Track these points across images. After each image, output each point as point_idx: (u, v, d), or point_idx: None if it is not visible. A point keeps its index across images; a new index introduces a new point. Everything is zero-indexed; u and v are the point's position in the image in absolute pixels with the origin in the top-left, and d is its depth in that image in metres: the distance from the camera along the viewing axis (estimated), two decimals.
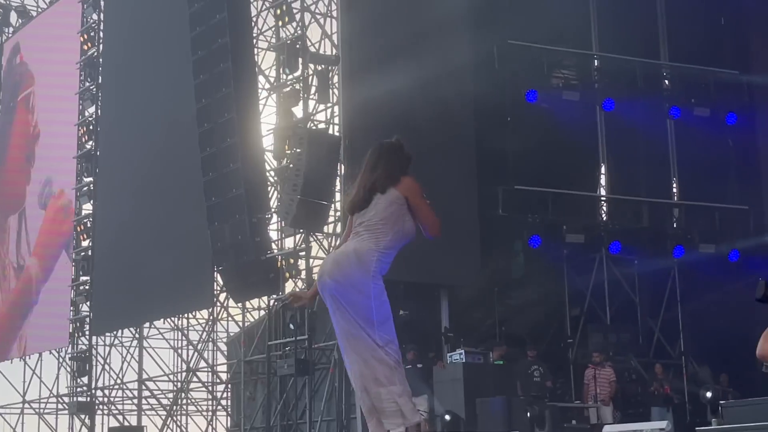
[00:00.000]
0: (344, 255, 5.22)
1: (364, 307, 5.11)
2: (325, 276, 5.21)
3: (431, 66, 16.09)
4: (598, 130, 20.16)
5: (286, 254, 16.77)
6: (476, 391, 14.71)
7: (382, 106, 16.07)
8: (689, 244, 19.69)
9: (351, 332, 5.14)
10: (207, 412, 20.83)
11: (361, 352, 5.11)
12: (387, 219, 5.24)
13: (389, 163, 5.39)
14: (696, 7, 20.48)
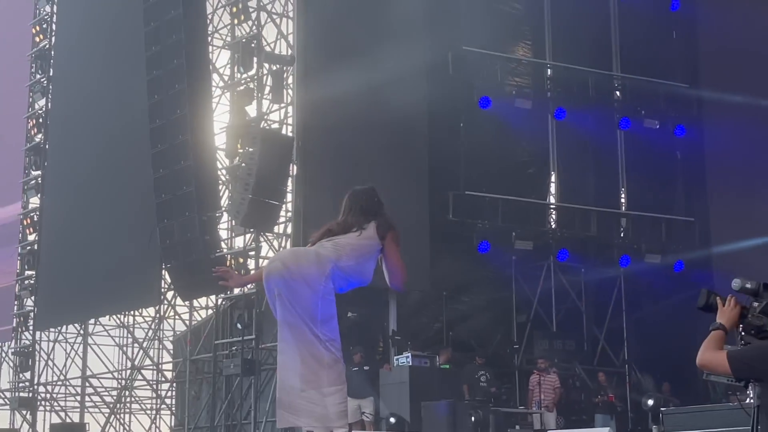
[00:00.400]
0: (304, 250, 5.29)
1: (311, 303, 5.11)
2: (277, 261, 5.24)
3: (386, 69, 16.13)
4: (550, 138, 20.35)
5: (236, 253, 16.72)
6: (422, 395, 14.77)
7: (336, 107, 16.10)
8: (635, 254, 19.95)
9: (293, 323, 5.11)
10: (151, 410, 20.67)
11: (302, 344, 5.08)
12: (358, 247, 5.30)
13: (367, 208, 5.48)
14: (648, 21, 20.78)
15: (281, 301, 5.14)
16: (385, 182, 16.94)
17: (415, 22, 17.60)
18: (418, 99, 17.32)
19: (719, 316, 4.40)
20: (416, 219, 16.91)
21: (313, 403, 5.06)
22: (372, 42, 16.61)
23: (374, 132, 16.51)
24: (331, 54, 16.55)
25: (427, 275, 17.18)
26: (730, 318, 4.36)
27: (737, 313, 4.35)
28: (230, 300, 16.88)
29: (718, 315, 4.40)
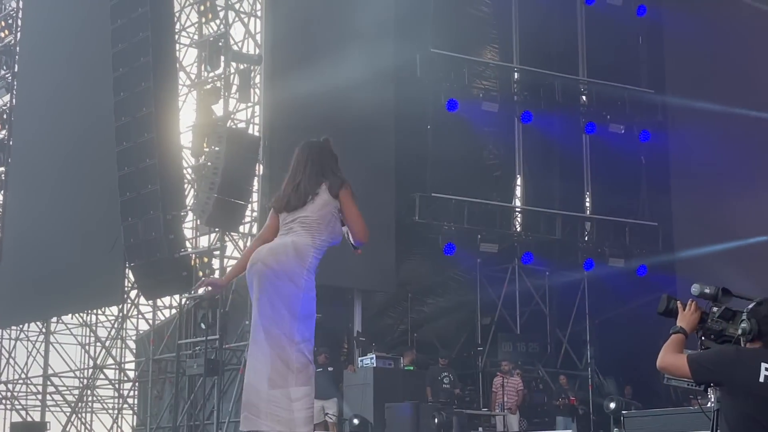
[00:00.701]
0: (282, 245, 5.21)
1: (294, 298, 5.10)
2: (258, 263, 5.17)
3: (354, 70, 16.13)
4: (516, 141, 20.45)
5: (200, 253, 16.63)
6: (386, 396, 14.77)
7: (303, 107, 16.06)
8: (599, 258, 20.10)
9: (269, 327, 5.08)
10: (113, 410, 20.51)
11: (273, 347, 5.04)
12: (322, 218, 5.29)
13: (320, 164, 5.45)
14: (615, 26, 20.92)
15: (260, 302, 5.12)
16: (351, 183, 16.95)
17: (384, 24, 17.62)
18: (386, 100, 17.34)
19: (679, 320, 4.44)
20: (382, 220, 16.92)
21: (279, 407, 5.01)
22: (340, 43, 16.61)
23: (341, 133, 16.36)
24: (299, 54, 16.52)
25: (393, 277, 17.21)
26: (690, 322, 4.40)
27: (697, 318, 4.40)
28: (194, 300, 16.79)
29: (679, 319, 4.44)
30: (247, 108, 17.23)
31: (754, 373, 4.09)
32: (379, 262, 16.84)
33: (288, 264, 5.12)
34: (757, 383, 4.07)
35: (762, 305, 4.22)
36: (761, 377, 4.07)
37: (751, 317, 4.22)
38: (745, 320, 4.23)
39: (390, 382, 15.18)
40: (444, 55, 19.03)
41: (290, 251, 5.15)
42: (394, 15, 17.89)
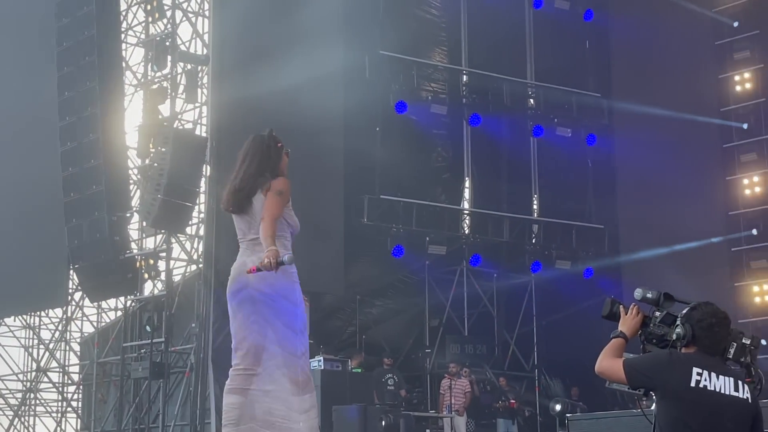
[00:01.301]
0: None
1: (291, 315, 5.17)
2: (249, 288, 5.18)
3: (302, 71, 16.05)
4: (464, 144, 20.52)
5: (146, 254, 16.45)
6: (333, 399, 14.71)
7: (251, 109, 15.94)
8: (546, 260, 20.23)
9: (267, 347, 5.13)
10: (56, 413, 20.22)
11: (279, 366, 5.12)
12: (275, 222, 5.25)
13: (259, 160, 5.40)
14: (563, 30, 21.09)
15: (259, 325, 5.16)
16: (300, 185, 16.89)
17: (333, 25, 17.57)
18: (335, 102, 17.29)
19: (621, 325, 4.47)
20: (331, 222, 16.88)
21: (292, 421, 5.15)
22: (288, 43, 16.52)
23: (289, 134, 16.19)
24: (247, 54, 16.41)
25: (341, 279, 17.16)
26: (632, 326, 4.43)
27: (638, 322, 4.42)
28: (139, 302, 16.62)
29: (620, 323, 4.46)
30: (194, 108, 17.08)
31: (686, 378, 4.11)
32: (327, 264, 16.79)
33: (278, 285, 5.16)
34: (688, 387, 4.10)
35: (696, 310, 4.25)
36: (692, 381, 4.10)
37: (685, 322, 4.24)
38: (679, 325, 4.25)
39: (337, 384, 15.12)
40: (393, 57, 19.04)
41: (277, 271, 5.11)
42: (342, 16, 17.85)
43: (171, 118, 16.56)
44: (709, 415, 4.05)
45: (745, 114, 20.46)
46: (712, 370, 4.12)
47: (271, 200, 5.24)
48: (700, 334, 4.19)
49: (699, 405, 4.07)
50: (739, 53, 20.70)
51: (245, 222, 5.33)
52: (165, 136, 15.69)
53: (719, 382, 4.10)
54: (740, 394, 4.11)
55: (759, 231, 19.80)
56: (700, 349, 4.19)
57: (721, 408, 4.06)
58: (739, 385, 4.13)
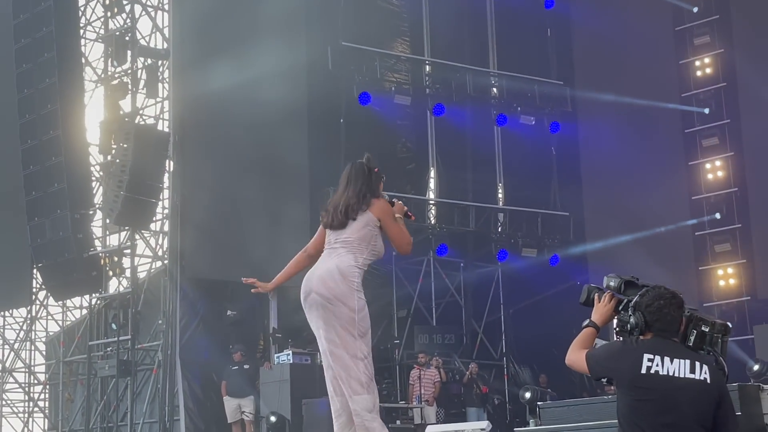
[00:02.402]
0: (328, 272, 5.55)
1: (349, 320, 5.47)
2: (312, 293, 5.54)
3: (264, 64, 15.96)
4: (429, 134, 20.51)
5: (110, 252, 16.31)
6: (303, 393, 14.68)
7: (214, 102, 15.86)
8: (513, 249, 20.29)
9: (332, 349, 5.47)
10: (23, 413, 20.01)
11: (342, 368, 5.44)
12: (362, 238, 5.63)
13: (360, 184, 5.75)
14: (524, 19, 21.11)
15: (324, 330, 5.52)
16: (264, 179, 16.85)
17: (294, 17, 17.47)
18: (298, 94, 17.20)
19: (593, 313, 4.45)
20: (297, 215, 16.79)
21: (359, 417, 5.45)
22: (250, 36, 16.41)
23: (253, 128, 16.32)
24: (208, 48, 16.27)
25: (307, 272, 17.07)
26: (603, 314, 4.41)
27: (610, 309, 4.40)
28: (104, 300, 16.48)
29: (593, 311, 4.44)
30: (155, 103, 16.95)
31: (636, 365, 4.11)
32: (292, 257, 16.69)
33: (338, 289, 5.49)
34: (639, 375, 4.10)
35: (644, 296, 4.23)
36: (643, 368, 4.10)
37: (635, 310, 4.23)
38: (630, 314, 4.24)
39: (307, 378, 15.08)
40: (355, 48, 18.97)
41: (337, 277, 5.51)
42: (304, 8, 17.75)
43: (132, 114, 16.41)
44: (663, 400, 4.05)
45: (706, 99, 20.60)
46: (665, 355, 4.11)
47: (396, 229, 5.75)
48: (650, 319, 4.17)
49: (651, 391, 4.07)
50: (699, 38, 20.83)
51: (336, 233, 5.69)
52: (126, 131, 15.56)
53: (673, 366, 4.09)
54: (696, 376, 4.09)
55: (722, 215, 19.95)
56: (655, 334, 4.18)
57: (674, 392, 4.05)
58: (696, 367, 4.11)
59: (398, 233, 5.75)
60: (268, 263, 16.42)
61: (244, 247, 16.30)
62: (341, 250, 5.61)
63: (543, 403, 8.74)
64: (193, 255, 15.97)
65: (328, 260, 5.62)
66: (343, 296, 5.49)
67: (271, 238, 16.29)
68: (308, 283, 5.60)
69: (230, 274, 16.53)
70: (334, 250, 5.63)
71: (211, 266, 16.20)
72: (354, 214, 5.64)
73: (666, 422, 4.03)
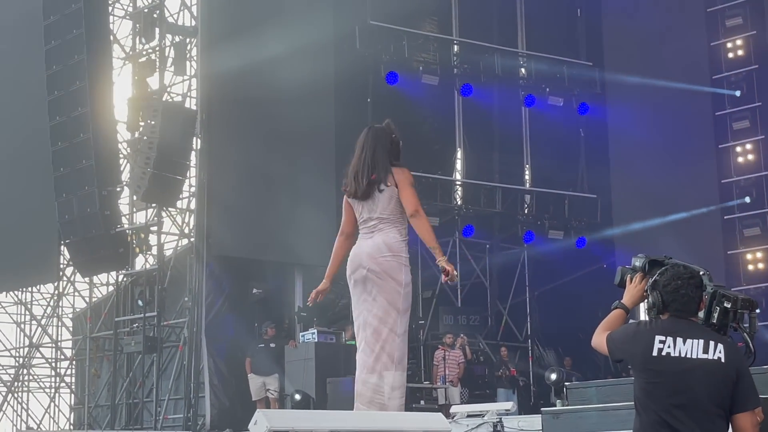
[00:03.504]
0: (377, 247, 5.62)
1: (396, 294, 5.55)
2: (360, 268, 5.62)
3: (292, 42, 15.92)
4: (456, 114, 20.43)
5: (137, 229, 16.39)
6: (327, 371, 14.71)
7: (241, 80, 15.84)
8: (539, 230, 20.20)
9: (374, 323, 5.54)
10: (50, 388, 20.21)
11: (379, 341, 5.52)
12: (395, 209, 5.65)
13: (381, 152, 5.71)
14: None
15: (367, 302, 5.60)
16: (290, 156, 16.83)
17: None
18: (325, 73, 17.16)
19: (624, 294, 4.40)
20: (323, 194, 16.78)
21: (381, 395, 5.54)
22: (278, 13, 16.38)
23: (280, 105, 16.31)
24: (236, 25, 16.25)
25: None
26: (633, 296, 4.36)
27: (640, 290, 4.34)
28: (131, 277, 16.56)
29: (624, 293, 4.40)
30: (183, 81, 16.98)
31: (648, 348, 4.07)
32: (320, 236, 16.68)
33: (387, 264, 5.56)
34: (650, 357, 4.05)
35: (663, 275, 4.17)
36: (654, 351, 4.05)
37: (653, 290, 4.18)
38: (648, 294, 4.19)
39: (332, 357, 15.12)
40: (383, 27, 18.88)
41: (386, 251, 5.58)
42: None
43: (160, 91, 16.45)
44: (674, 382, 4.00)
45: (738, 81, 20.35)
46: (677, 336, 4.05)
47: (411, 193, 5.63)
48: (667, 299, 4.11)
49: (662, 373, 4.02)
50: (731, 20, 20.55)
51: (367, 207, 5.66)
52: (154, 108, 15.58)
53: (685, 347, 4.03)
54: (710, 356, 4.02)
55: (752, 199, 19.75)
56: (672, 314, 4.13)
57: (686, 373, 4.00)
58: (710, 347, 4.04)
59: (410, 198, 5.65)
60: (294, 241, 16.48)
61: (270, 225, 16.33)
62: (382, 226, 5.64)
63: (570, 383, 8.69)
64: (220, 233, 16.00)
65: (373, 238, 5.64)
66: (392, 270, 5.56)
67: (297, 217, 16.31)
68: (356, 259, 5.65)
69: (256, 252, 16.58)
70: (374, 228, 5.65)
71: (238, 244, 16.24)
72: (380, 185, 5.62)
73: (678, 403, 3.99)
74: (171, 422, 15.93)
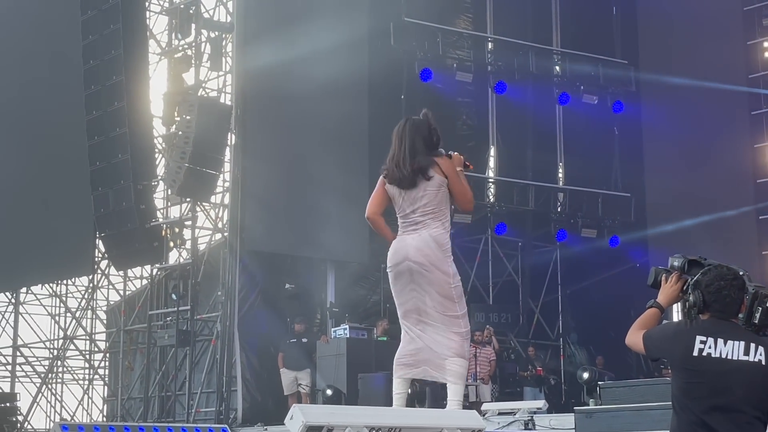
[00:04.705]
0: (424, 241, 5.65)
1: (444, 284, 5.62)
2: (406, 261, 5.65)
3: (327, 38, 15.96)
4: (490, 112, 20.39)
5: (172, 223, 16.49)
6: (359, 367, 14.75)
7: (276, 76, 15.91)
8: (572, 229, 20.14)
9: (426, 310, 5.65)
10: (83, 380, 20.38)
11: (443, 323, 5.64)
12: (441, 201, 5.69)
13: (421, 142, 5.72)
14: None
15: (416, 294, 5.67)
16: (324, 152, 16.88)
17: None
18: (359, 69, 17.19)
19: (659, 294, 4.39)
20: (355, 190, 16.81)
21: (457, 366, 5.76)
22: (313, 10, 16.43)
23: (314, 101, 16.36)
24: (271, 21, 16.32)
25: (366, 247, 17.13)
26: (669, 295, 4.34)
27: (676, 290, 4.33)
28: (165, 270, 16.68)
29: (659, 292, 4.38)
30: (218, 77, 17.04)
31: (689, 348, 4.05)
32: (352, 232, 16.76)
33: (433, 256, 5.62)
34: (691, 357, 4.04)
35: (705, 275, 4.15)
36: (695, 351, 4.04)
37: (695, 289, 4.16)
38: (690, 293, 4.17)
39: (363, 352, 15.16)
40: (418, 24, 18.89)
41: (432, 245, 5.63)
42: None
43: (195, 86, 16.54)
44: (714, 383, 3.99)
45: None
46: (719, 337, 4.04)
47: (460, 186, 5.71)
48: (709, 300, 4.09)
49: (702, 373, 4.01)
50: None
51: (409, 199, 5.67)
52: (190, 103, 15.67)
53: (726, 348, 4.02)
54: (751, 358, 4.01)
55: None
56: (712, 315, 4.12)
57: (726, 374, 3.99)
58: (750, 349, 4.02)
59: (462, 190, 5.74)
60: (326, 237, 16.53)
61: (302, 221, 16.40)
62: (428, 220, 5.66)
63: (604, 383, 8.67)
64: (253, 228, 16.09)
65: (419, 233, 5.67)
66: (439, 262, 5.61)
67: (330, 213, 16.36)
68: (401, 252, 5.68)
69: (289, 247, 16.66)
70: (417, 222, 5.67)
71: (271, 239, 16.32)
72: (425, 175, 5.62)
73: (717, 405, 3.98)
74: (203, 415, 16.03)
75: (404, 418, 4.86)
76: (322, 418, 4.33)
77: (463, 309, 5.72)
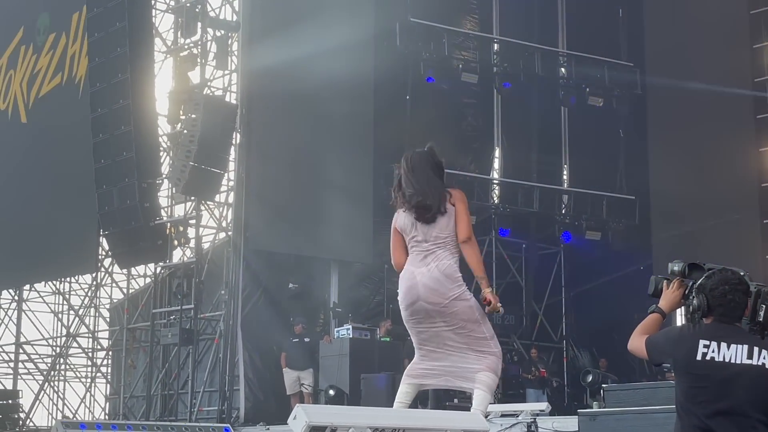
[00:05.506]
0: (434, 280, 5.63)
1: (468, 311, 5.61)
2: (420, 301, 5.64)
3: (332, 38, 15.96)
4: (495, 113, 20.38)
5: (176, 221, 16.49)
6: (362, 367, 14.74)
7: (281, 75, 15.91)
8: (576, 231, 20.11)
9: (450, 336, 5.62)
10: (86, 378, 20.40)
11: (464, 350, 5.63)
12: (451, 232, 5.66)
13: (433, 173, 5.76)
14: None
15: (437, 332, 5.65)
16: (328, 152, 16.88)
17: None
18: (365, 69, 17.20)
19: (661, 299, 4.37)
20: (360, 190, 16.85)
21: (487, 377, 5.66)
22: (319, 10, 16.43)
23: (319, 101, 16.37)
24: (277, 21, 16.32)
25: (369, 247, 17.14)
26: (670, 301, 4.33)
27: (678, 296, 4.32)
28: (169, 269, 16.67)
29: (661, 298, 4.37)
30: (224, 75, 17.05)
31: (692, 352, 4.04)
32: (356, 232, 16.78)
33: (448, 293, 5.60)
34: (694, 361, 4.03)
35: (709, 279, 4.14)
36: (698, 355, 4.03)
37: (699, 293, 4.14)
38: (694, 296, 4.16)
39: (366, 353, 15.15)
40: (423, 24, 18.88)
41: (444, 280, 5.61)
42: None
43: (201, 85, 16.54)
44: (717, 387, 3.98)
45: None
46: (722, 340, 4.03)
47: (467, 218, 5.69)
48: (713, 304, 4.09)
49: (706, 377, 4.00)
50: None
51: (423, 229, 5.68)
52: (195, 102, 15.68)
53: (729, 352, 4.01)
54: (754, 361, 4.00)
55: None
56: (716, 319, 4.10)
57: (729, 378, 3.98)
58: (754, 352, 4.02)
59: (468, 222, 5.71)
60: (331, 236, 16.54)
61: (307, 221, 16.40)
62: (438, 251, 5.65)
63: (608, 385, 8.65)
64: (257, 227, 16.09)
65: (427, 264, 5.66)
66: (454, 295, 5.59)
67: (334, 212, 16.36)
68: (413, 291, 5.67)
69: (293, 246, 16.65)
70: (427, 251, 5.66)
71: (275, 239, 16.32)
72: (443, 208, 5.63)
73: (721, 409, 3.97)
74: (205, 414, 16.03)
75: (408, 419, 4.85)
76: (325, 419, 4.31)
77: (491, 331, 5.74)
